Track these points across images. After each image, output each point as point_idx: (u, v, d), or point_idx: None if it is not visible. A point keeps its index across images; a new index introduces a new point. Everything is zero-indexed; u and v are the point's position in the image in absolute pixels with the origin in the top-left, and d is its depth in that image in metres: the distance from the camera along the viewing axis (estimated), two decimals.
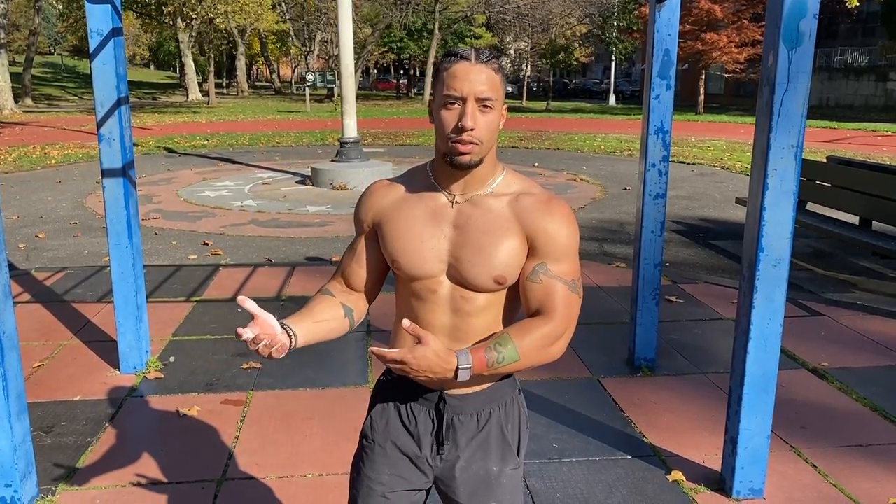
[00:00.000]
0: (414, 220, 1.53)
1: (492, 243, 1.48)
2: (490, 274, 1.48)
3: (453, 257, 1.50)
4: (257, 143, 17.94)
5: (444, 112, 1.44)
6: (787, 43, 2.50)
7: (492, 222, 1.49)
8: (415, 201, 1.55)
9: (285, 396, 3.79)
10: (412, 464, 1.61)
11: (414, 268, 1.52)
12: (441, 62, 1.46)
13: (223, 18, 29.93)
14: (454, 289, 1.52)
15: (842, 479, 3.02)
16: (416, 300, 1.55)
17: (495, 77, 1.44)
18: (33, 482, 2.86)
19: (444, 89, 1.43)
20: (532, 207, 1.50)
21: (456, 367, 1.40)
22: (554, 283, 1.49)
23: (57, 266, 6.45)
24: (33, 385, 3.90)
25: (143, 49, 69.89)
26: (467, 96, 1.41)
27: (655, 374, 4.08)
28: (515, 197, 1.53)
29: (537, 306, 1.50)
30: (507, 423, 1.62)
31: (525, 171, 13.00)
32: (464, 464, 1.60)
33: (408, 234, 1.52)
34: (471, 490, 1.61)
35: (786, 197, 2.62)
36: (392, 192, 1.59)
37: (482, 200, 1.52)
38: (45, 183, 11.62)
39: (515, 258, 1.49)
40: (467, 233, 1.50)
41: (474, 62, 1.42)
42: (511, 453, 1.63)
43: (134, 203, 3.93)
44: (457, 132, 1.43)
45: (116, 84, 3.69)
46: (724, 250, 7.31)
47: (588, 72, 59.72)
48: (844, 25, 35.78)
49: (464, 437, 1.60)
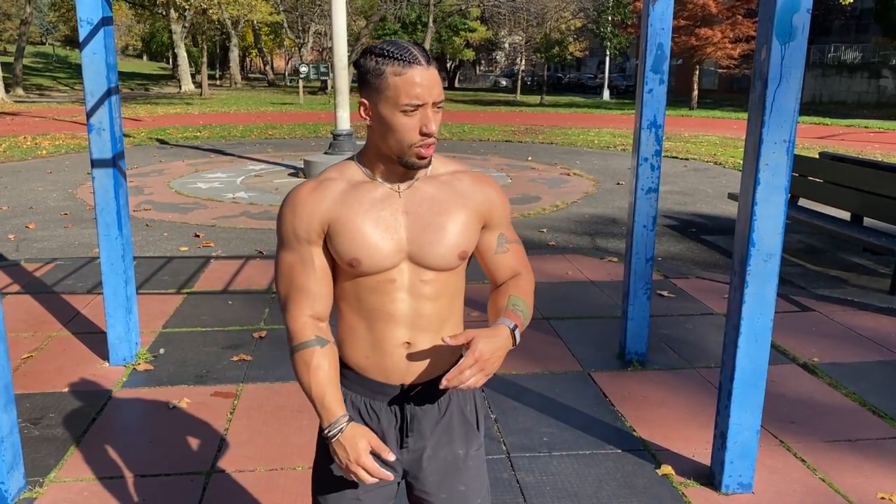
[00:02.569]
0: (366, 216, 1.49)
1: (449, 221, 1.52)
2: (455, 251, 1.52)
3: (413, 243, 1.50)
4: (250, 135, 17.87)
5: (404, 119, 1.41)
6: (781, 37, 2.49)
7: (442, 202, 1.53)
8: (358, 196, 1.50)
9: (275, 389, 3.78)
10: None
11: (376, 263, 1.49)
12: (384, 63, 1.40)
13: (216, 9, 29.74)
14: (413, 274, 1.52)
15: (830, 474, 3.04)
16: (371, 294, 1.52)
17: (439, 76, 1.46)
18: (21, 473, 2.85)
19: (403, 97, 1.39)
20: (475, 184, 1.58)
21: (510, 331, 1.47)
22: (515, 247, 1.65)
23: (47, 257, 6.41)
24: (21, 376, 3.88)
25: (135, 40, 69.52)
26: (427, 101, 1.41)
27: (646, 369, 4.09)
28: (453, 175, 1.58)
29: (510, 271, 1.63)
30: (465, 404, 1.66)
31: (518, 164, 13.00)
32: (431, 452, 1.62)
33: (364, 231, 1.48)
34: (439, 478, 1.63)
35: (777, 192, 2.62)
36: (327, 193, 1.51)
37: (424, 185, 1.54)
38: (35, 173, 11.54)
39: (472, 232, 1.56)
40: (421, 216, 1.51)
41: (427, 66, 1.40)
42: (474, 433, 1.67)
43: (124, 194, 3.90)
44: (421, 138, 1.43)
45: (106, 74, 3.66)
46: (717, 245, 7.33)
47: (582, 66, 59.67)
48: (838, 22, 35.87)
49: (428, 426, 1.61)
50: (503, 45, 52.78)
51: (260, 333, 4.52)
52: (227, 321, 4.75)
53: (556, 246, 7.15)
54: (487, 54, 64.34)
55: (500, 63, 67.70)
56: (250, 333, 4.53)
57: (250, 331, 4.57)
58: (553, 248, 7.01)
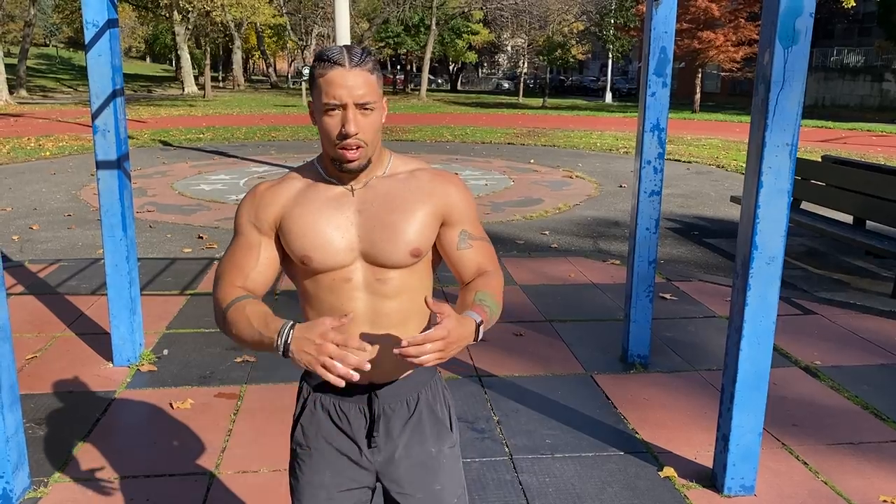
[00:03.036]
0: (317, 214, 1.51)
1: (402, 219, 1.51)
2: (406, 249, 1.51)
3: (365, 241, 1.51)
4: (253, 137, 17.90)
5: (327, 119, 1.44)
6: (783, 41, 2.50)
7: (396, 199, 1.53)
8: (313, 195, 1.53)
9: (279, 390, 3.79)
10: (352, 462, 1.60)
11: (327, 260, 1.50)
12: (314, 66, 1.44)
13: (220, 11, 29.85)
14: (369, 272, 1.52)
15: (833, 477, 3.04)
16: (328, 293, 1.53)
17: (371, 78, 1.43)
18: (25, 473, 2.86)
19: (323, 97, 1.42)
20: (434, 181, 1.57)
21: (476, 325, 1.41)
22: (481, 244, 1.61)
23: (51, 258, 6.43)
24: (26, 377, 3.89)
25: (138, 41, 69.61)
26: (347, 102, 1.41)
27: (649, 371, 4.09)
28: (411, 174, 1.57)
29: (476, 268, 1.60)
30: (434, 402, 1.65)
31: (521, 167, 13.01)
32: (403, 451, 1.61)
33: (315, 229, 1.50)
34: (414, 478, 1.62)
35: (780, 195, 2.63)
36: (285, 190, 1.56)
37: (379, 183, 1.54)
38: (39, 175, 11.57)
39: (428, 229, 1.54)
40: (374, 215, 1.51)
41: (349, 67, 1.41)
42: (446, 431, 1.66)
43: (128, 195, 3.92)
44: (342, 138, 1.43)
45: (111, 76, 3.68)
46: (719, 248, 7.33)
47: (585, 69, 59.71)
48: (841, 25, 35.85)
49: (397, 425, 1.60)
50: (506, 48, 52.79)
51: None
52: None
53: (558, 248, 7.16)
54: (490, 57, 64.41)
55: (503, 66, 67.75)
56: None
57: None
58: (556, 251, 7.02)
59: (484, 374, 4.00)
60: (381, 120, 1.49)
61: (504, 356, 4.22)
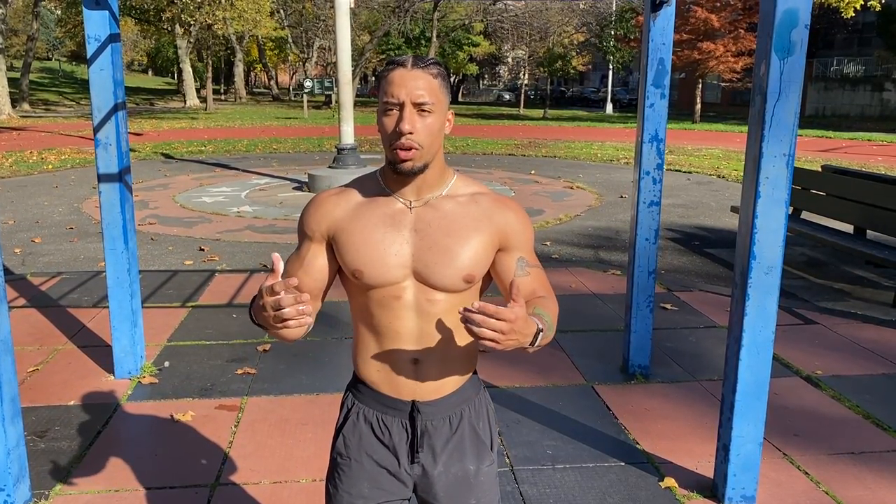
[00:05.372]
0: (373, 229, 1.51)
1: (457, 243, 1.50)
2: (459, 274, 1.50)
3: (418, 262, 1.50)
4: (255, 150, 17.96)
5: (385, 118, 1.45)
6: (779, 52, 2.52)
7: (454, 223, 1.51)
8: (370, 209, 1.53)
9: (279, 402, 3.79)
10: (391, 475, 1.61)
11: (378, 276, 1.50)
12: (381, 71, 1.48)
13: (221, 25, 29.96)
14: (419, 292, 1.52)
15: (834, 487, 3.03)
16: (378, 308, 1.53)
17: (434, 82, 1.44)
18: (27, 486, 2.86)
19: (383, 96, 1.44)
20: (495, 207, 1.55)
21: (538, 329, 1.36)
22: (537, 272, 1.59)
23: (53, 271, 6.45)
24: (28, 389, 3.90)
25: (141, 55, 69.98)
26: (404, 101, 1.42)
27: (649, 381, 4.09)
28: (472, 197, 1.55)
29: (530, 295, 1.55)
30: (477, 421, 1.65)
31: (522, 178, 13.04)
32: (442, 468, 1.61)
33: (369, 243, 1.50)
34: (450, 493, 1.63)
35: (777, 205, 2.64)
36: (343, 201, 1.56)
37: (439, 203, 1.53)
38: (41, 188, 11.62)
39: (483, 256, 1.52)
40: (430, 236, 1.50)
41: (410, 68, 1.43)
42: (486, 450, 1.66)
43: (130, 208, 3.94)
44: (396, 137, 1.43)
45: (113, 90, 3.70)
46: (720, 258, 7.33)
47: (585, 80, 59.89)
48: (841, 35, 35.97)
49: (439, 442, 1.61)
50: (506, 60, 53.01)
51: (264, 347, 4.53)
52: (231, 334, 4.77)
53: (559, 259, 7.17)
54: (491, 68, 64.62)
55: (504, 77, 67.98)
56: (254, 347, 4.55)
57: (255, 344, 4.59)
58: (556, 261, 7.03)
59: (485, 384, 4.00)
60: (440, 125, 1.47)
61: (505, 367, 4.22)
